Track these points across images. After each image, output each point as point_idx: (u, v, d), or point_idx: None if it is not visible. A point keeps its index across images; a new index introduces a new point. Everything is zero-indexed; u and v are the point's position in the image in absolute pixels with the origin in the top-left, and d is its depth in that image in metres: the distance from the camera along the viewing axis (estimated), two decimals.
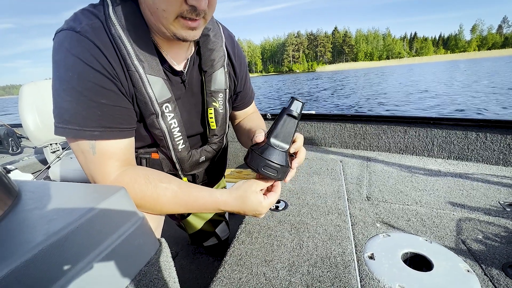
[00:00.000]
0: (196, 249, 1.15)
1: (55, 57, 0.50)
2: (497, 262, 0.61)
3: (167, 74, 0.61)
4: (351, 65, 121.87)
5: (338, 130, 1.56)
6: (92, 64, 0.49)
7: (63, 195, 0.40)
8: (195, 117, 0.72)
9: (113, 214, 0.38)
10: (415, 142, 1.37)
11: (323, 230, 0.73)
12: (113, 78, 0.52)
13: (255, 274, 0.59)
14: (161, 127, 0.61)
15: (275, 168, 0.54)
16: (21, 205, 0.37)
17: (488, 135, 1.20)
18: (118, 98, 0.53)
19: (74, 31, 0.49)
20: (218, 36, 0.68)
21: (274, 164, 0.53)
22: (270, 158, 0.53)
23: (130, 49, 0.52)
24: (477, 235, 0.72)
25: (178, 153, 0.67)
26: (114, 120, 0.53)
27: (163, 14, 0.48)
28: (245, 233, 0.74)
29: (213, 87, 0.69)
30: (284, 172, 0.56)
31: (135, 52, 0.53)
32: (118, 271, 0.37)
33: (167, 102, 0.60)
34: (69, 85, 0.49)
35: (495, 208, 0.85)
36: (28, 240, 0.29)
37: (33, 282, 0.28)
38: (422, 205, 0.88)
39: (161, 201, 0.55)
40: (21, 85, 1.48)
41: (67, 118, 0.50)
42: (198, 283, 0.97)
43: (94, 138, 0.51)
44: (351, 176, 1.14)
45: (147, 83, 0.56)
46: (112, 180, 0.53)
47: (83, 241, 0.33)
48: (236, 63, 0.75)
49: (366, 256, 0.65)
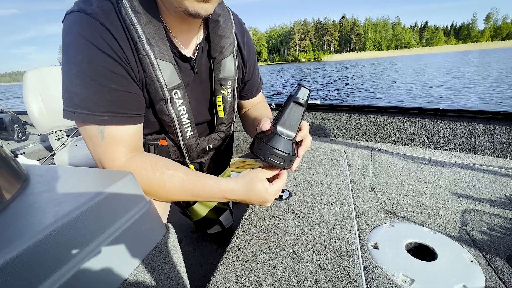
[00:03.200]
0: (200, 236, 1.17)
1: (65, 39, 0.49)
2: (501, 253, 0.61)
3: (176, 59, 0.60)
4: (359, 54, 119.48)
5: (343, 120, 1.55)
6: (103, 48, 0.48)
7: (71, 179, 0.40)
8: (203, 104, 0.72)
9: (121, 199, 0.38)
10: (421, 133, 1.36)
11: (327, 220, 0.74)
12: (123, 63, 0.51)
13: (259, 261, 0.60)
14: (170, 113, 0.61)
15: (281, 156, 0.53)
16: (30, 188, 0.37)
17: (496, 127, 1.18)
18: (128, 83, 0.53)
19: (84, 13, 0.48)
20: (228, 22, 0.66)
21: (280, 153, 0.53)
22: (277, 146, 0.53)
23: (141, 32, 0.51)
24: (481, 226, 0.72)
25: (186, 140, 0.66)
26: (123, 105, 0.53)
27: None
28: (249, 221, 0.75)
29: (222, 74, 0.67)
30: (290, 161, 0.55)
31: (145, 35, 0.52)
32: (127, 254, 0.38)
33: (177, 88, 0.59)
34: (79, 69, 0.48)
35: (500, 200, 0.84)
36: (38, 222, 0.29)
37: (45, 262, 0.28)
38: (427, 197, 0.88)
39: (167, 188, 0.55)
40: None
41: (76, 102, 0.49)
42: (202, 269, 0.99)
43: (103, 123, 0.51)
44: (356, 166, 1.13)
45: (157, 68, 0.55)
46: (120, 166, 0.53)
47: (92, 224, 0.33)
48: (245, 51, 0.74)
49: (370, 245, 0.65)
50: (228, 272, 0.57)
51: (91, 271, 0.32)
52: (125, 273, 0.37)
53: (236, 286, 0.54)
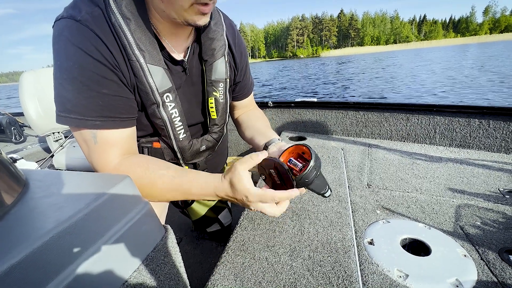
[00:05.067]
0: (200, 235, 1.19)
1: (55, 45, 0.50)
2: (494, 247, 0.63)
3: (167, 63, 0.61)
4: (357, 49, 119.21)
5: (340, 117, 1.56)
6: (93, 54, 0.49)
7: (70, 184, 0.41)
8: (196, 106, 0.72)
9: (119, 202, 0.39)
10: (417, 129, 1.37)
11: (324, 217, 0.75)
12: (114, 68, 0.52)
13: (257, 259, 0.61)
14: (162, 117, 0.61)
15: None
16: (30, 193, 0.38)
17: (491, 122, 1.19)
18: (119, 88, 0.53)
19: (74, 20, 0.48)
20: (219, 25, 0.67)
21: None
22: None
23: (131, 38, 0.52)
24: (475, 221, 0.73)
25: (179, 142, 0.67)
26: (115, 109, 0.53)
27: (178, 1, 0.47)
28: (248, 219, 0.76)
29: (213, 76, 0.68)
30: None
31: (135, 41, 0.52)
32: (126, 256, 0.39)
33: (168, 92, 0.60)
34: (70, 75, 0.49)
35: (494, 195, 0.86)
36: (40, 227, 0.30)
37: (47, 266, 0.29)
38: (422, 192, 0.89)
39: (158, 187, 0.55)
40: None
41: (69, 107, 0.50)
42: (202, 267, 1.00)
43: (96, 127, 0.52)
44: (353, 163, 1.14)
45: (148, 73, 0.55)
46: (111, 168, 0.54)
47: (92, 227, 0.34)
48: (237, 53, 0.74)
49: (365, 242, 0.67)
50: (227, 270, 0.58)
51: (91, 274, 0.33)
52: (125, 274, 0.38)
53: (235, 284, 0.55)
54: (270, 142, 0.71)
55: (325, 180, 0.62)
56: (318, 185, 0.60)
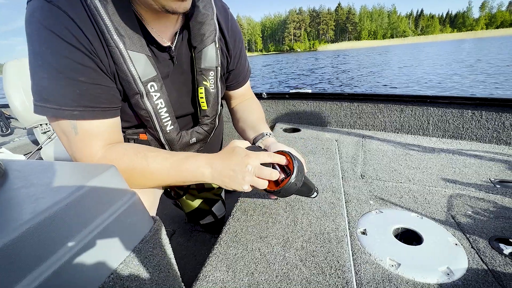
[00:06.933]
0: (193, 227, 1.18)
1: (27, 29, 0.46)
2: (484, 236, 0.63)
3: (153, 50, 0.57)
4: (354, 44, 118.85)
5: (334, 109, 1.55)
6: (67, 38, 0.45)
7: (51, 174, 0.39)
8: (185, 96, 0.69)
9: (103, 192, 0.37)
10: (411, 120, 1.37)
11: (317, 208, 0.75)
12: (90, 54, 0.48)
13: (250, 250, 0.60)
14: (147, 108, 0.58)
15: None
16: (7, 184, 0.36)
17: (483, 113, 1.20)
18: (97, 75, 0.50)
19: (45, 1, 0.44)
20: (208, 8, 0.63)
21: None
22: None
23: (108, 22, 0.48)
24: (466, 210, 0.74)
25: (166, 135, 0.64)
26: (94, 99, 0.50)
27: None
28: (241, 211, 0.75)
29: (203, 64, 0.64)
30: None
31: (114, 25, 0.48)
32: (112, 248, 0.37)
33: (152, 81, 0.56)
34: (44, 61, 0.45)
35: (485, 184, 0.86)
36: (15, 218, 0.28)
37: (23, 260, 0.27)
38: (415, 183, 0.90)
39: (151, 169, 0.52)
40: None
41: (45, 96, 0.47)
42: (195, 259, 1.00)
43: (74, 117, 0.48)
44: (346, 155, 1.14)
45: (128, 60, 0.51)
46: (98, 159, 0.51)
47: (73, 219, 0.32)
48: (230, 38, 0.70)
49: (358, 232, 0.67)
50: (219, 262, 0.58)
51: (73, 267, 0.32)
52: (111, 267, 0.37)
53: (227, 275, 0.54)
54: (258, 138, 0.71)
55: (310, 185, 0.63)
56: (302, 191, 0.63)
